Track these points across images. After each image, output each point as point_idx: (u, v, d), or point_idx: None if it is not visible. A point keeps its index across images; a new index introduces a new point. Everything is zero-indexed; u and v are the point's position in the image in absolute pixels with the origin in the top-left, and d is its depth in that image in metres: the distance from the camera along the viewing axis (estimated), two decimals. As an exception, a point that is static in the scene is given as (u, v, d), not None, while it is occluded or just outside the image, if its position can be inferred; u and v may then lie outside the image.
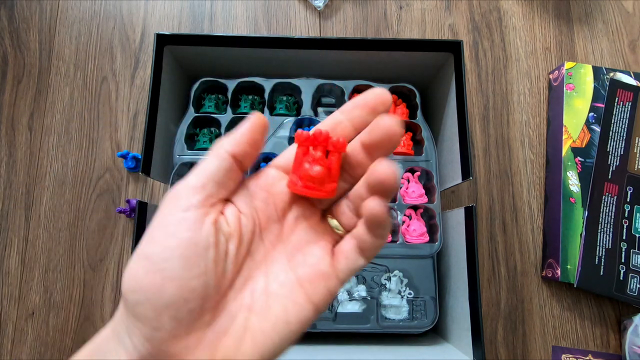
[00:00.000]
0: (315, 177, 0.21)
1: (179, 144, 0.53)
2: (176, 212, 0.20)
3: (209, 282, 0.19)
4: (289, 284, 0.21)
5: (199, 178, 0.21)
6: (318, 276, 0.21)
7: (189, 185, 0.21)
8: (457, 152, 0.48)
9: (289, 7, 0.65)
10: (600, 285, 0.53)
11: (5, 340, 0.53)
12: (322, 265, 0.21)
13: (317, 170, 0.21)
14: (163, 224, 0.20)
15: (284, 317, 0.20)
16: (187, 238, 0.19)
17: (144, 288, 0.18)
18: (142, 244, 0.19)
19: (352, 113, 0.22)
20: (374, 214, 0.19)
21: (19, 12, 0.63)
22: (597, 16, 0.67)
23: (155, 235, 0.19)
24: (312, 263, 0.21)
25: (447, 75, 0.52)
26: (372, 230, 0.20)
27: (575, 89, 0.60)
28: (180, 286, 0.18)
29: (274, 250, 0.22)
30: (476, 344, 0.43)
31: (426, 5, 0.66)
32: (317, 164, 0.21)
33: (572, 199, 0.56)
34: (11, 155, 0.59)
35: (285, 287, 0.21)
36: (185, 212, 0.20)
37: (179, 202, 0.20)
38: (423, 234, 0.52)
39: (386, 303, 0.50)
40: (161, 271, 0.18)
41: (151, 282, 0.18)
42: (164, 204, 0.20)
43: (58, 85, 0.61)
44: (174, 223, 0.19)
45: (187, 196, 0.20)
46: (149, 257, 0.19)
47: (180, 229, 0.19)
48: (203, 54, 0.52)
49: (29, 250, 0.56)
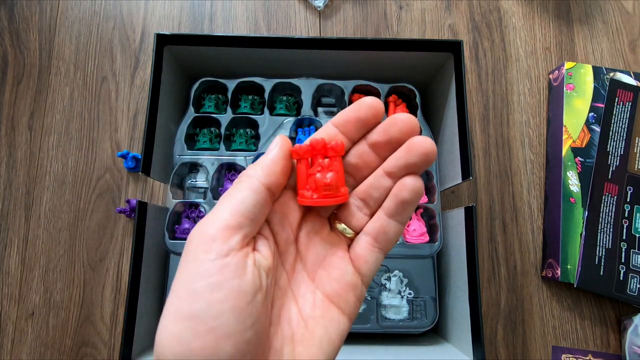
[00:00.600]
0: (332, 183, 0.20)
1: (179, 144, 0.53)
2: (215, 258, 0.17)
3: (260, 328, 0.18)
4: (320, 304, 0.20)
5: (234, 216, 0.18)
6: (346, 288, 0.21)
7: (224, 224, 0.18)
8: (457, 152, 0.48)
9: (289, 7, 0.65)
10: (600, 285, 0.53)
11: (5, 340, 0.53)
12: (346, 276, 0.21)
13: (331, 176, 0.20)
14: (202, 274, 0.17)
15: (327, 337, 0.20)
16: (235, 287, 0.17)
17: (195, 352, 0.16)
18: (179, 300, 0.17)
19: (346, 127, 0.21)
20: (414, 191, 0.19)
21: (19, 12, 0.63)
22: (597, 16, 0.67)
23: (197, 288, 0.17)
24: (336, 277, 0.21)
25: (447, 75, 0.52)
26: (401, 211, 0.20)
27: (575, 89, 0.60)
28: (236, 342, 0.17)
29: (294, 273, 0.21)
30: (476, 344, 0.43)
31: (426, 5, 0.66)
32: (329, 170, 0.20)
33: (572, 199, 0.56)
34: (11, 155, 0.59)
35: (319, 308, 0.20)
36: (225, 258, 0.17)
37: (215, 245, 0.18)
38: (423, 234, 0.52)
39: (386, 303, 0.50)
40: (213, 330, 0.16)
41: (204, 345, 0.16)
42: (194, 248, 0.18)
43: (58, 85, 0.61)
44: (216, 272, 0.17)
45: (225, 238, 0.18)
46: (196, 317, 0.16)
47: (225, 279, 0.17)
48: (203, 54, 0.52)
49: (29, 250, 0.56)
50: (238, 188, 0.19)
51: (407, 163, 0.20)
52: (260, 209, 0.19)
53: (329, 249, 0.21)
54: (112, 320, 0.54)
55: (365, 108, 0.20)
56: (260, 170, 0.20)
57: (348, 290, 0.21)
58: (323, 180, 0.20)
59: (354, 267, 0.21)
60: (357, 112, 0.21)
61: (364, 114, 0.20)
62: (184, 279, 0.17)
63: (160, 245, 0.49)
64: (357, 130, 0.21)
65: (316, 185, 0.20)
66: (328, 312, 0.20)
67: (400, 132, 0.20)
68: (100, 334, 0.53)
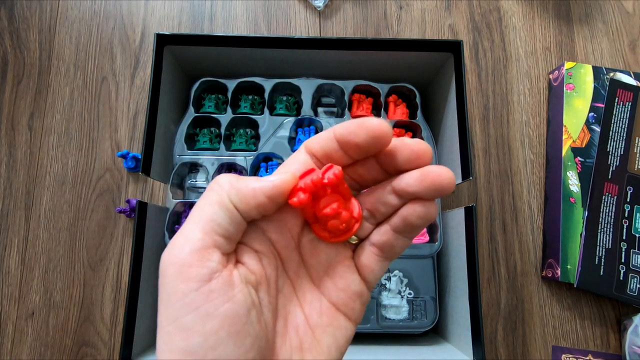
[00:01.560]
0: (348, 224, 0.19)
1: (179, 144, 0.53)
2: (197, 287, 0.16)
3: (262, 344, 0.17)
4: (327, 311, 0.20)
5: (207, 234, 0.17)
6: (352, 297, 0.20)
7: (199, 245, 0.17)
8: (457, 152, 0.48)
9: (289, 7, 0.65)
10: (600, 285, 0.53)
11: (5, 340, 0.53)
12: (353, 286, 0.20)
13: (346, 218, 0.19)
14: (188, 306, 0.16)
15: (335, 345, 0.20)
16: (228, 313, 0.16)
17: None
18: (170, 336, 0.16)
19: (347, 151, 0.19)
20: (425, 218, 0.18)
21: (19, 12, 0.63)
22: (597, 16, 0.67)
23: (187, 323, 0.16)
24: (343, 287, 0.20)
25: (447, 75, 0.51)
26: (409, 230, 0.19)
27: (575, 89, 0.60)
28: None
29: (298, 279, 0.21)
30: (476, 344, 0.43)
31: (426, 5, 0.66)
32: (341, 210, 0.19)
33: (572, 199, 0.56)
34: (11, 155, 0.59)
35: (325, 315, 0.20)
36: (209, 284, 0.16)
37: (193, 272, 0.16)
38: (423, 234, 0.52)
39: (386, 303, 0.50)
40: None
41: None
42: (171, 280, 0.16)
43: (58, 85, 0.61)
44: (203, 301, 0.16)
45: (202, 261, 0.16)
46: (193, 352, 0.16)
47: (214, 306, 0.16)
48: (203, 54, 0.52)
49: (29, 250, 0.56)
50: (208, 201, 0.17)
51: (416, 192, 0.18)
52: (236, 226, 0.18)
53: (334, 257, 0.21)
54: (112, 320, 0.54)
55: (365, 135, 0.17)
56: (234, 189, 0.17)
57: (355, 299, 0.20)
58: (339, 226, 0.19)
59: (360, 276, 0.21)
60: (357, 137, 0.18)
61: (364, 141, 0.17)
62: (169, 315, 0.16)
63: (160, 245, 0.49)
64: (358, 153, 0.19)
65: (332, 229, 0.19)
66: (335, 320, 0.20)
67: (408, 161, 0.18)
68: (100, 334, 0.53)
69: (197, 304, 0.16)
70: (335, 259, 0.21)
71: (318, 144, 0.19)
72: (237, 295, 0.17)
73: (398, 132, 0.55)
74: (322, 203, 0.19)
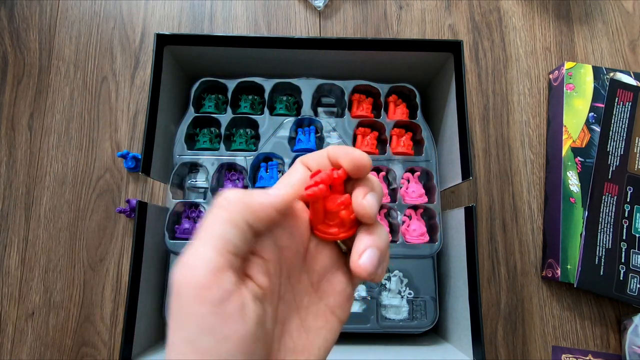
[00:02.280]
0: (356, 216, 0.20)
1: (179, 144, 0.53)
2: (215, 310, 0.16)
3: (263, 353, 0.18)
4: (323, 314, 0.21)
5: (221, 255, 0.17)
6: (346, 300, 0.21)
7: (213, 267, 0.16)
8: (457, 152, 0.48)
9: (289, 7, 0.65)
10: (600, 285, 0.53)
11: (5, 340, 0.53)
12: (348, 289, 0.21)
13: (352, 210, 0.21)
14: (205, 330, 0.16)
15: (324, 345, 0.20)
16: (242, 334, 0.16)
17: None
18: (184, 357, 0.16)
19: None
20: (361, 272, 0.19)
21: (19, 12, 0.63)
22: (597, 16, 0.67)
23: (203, 345, 0.16)
24: (339, 290, 0.21)
25: (447, 75, 0.51)
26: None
27: (575, 89, 0.60)
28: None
29: (299, 285, 0.21)
30: (476, 344, 0.43)
31: (426, 5, 0.66)
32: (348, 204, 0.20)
33: (572, 199, 0.56)
34: (11, 155, 0.59)
35: (320, 318, 0.21)
36: (225, 306, 0.16)
37: (210, 295, 0.16)
38: (423, 234, 0.52)
39: (386, 303, 0.50)
40: None
41: None
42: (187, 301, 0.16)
43: (58, 85, 0.61)
44: (220, 324, 0.16)
45: (218, 283, 0.16)
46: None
47: (231, 329, 0.16)
48: (203, 54, 0.52)
49: (29, 250, 0.56)
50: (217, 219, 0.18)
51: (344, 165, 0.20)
52: (247, 243, 0.18)
53: (335, 260, 0.22)
54: (112, 320, 0.54)
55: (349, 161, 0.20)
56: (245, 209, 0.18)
57: (348, 302, 0.21)
58: (349, 216, 0.20)
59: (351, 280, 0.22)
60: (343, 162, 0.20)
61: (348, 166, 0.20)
62: (185, 336, 0.16)
63: (161, 245, 0.49)
64: None
65: (343, 222, 0.20)
66: (329, 322, 0.21)
67: None
68: (100, 334, 0.53)
69: (214, 327, 0.16)
70: (336, 264, 0.22)
71: (314, 160, 0.21)
72: (249, 314, 0.17)
73: (398, 132, 0.55)
74: (331, 199, 0.20)
